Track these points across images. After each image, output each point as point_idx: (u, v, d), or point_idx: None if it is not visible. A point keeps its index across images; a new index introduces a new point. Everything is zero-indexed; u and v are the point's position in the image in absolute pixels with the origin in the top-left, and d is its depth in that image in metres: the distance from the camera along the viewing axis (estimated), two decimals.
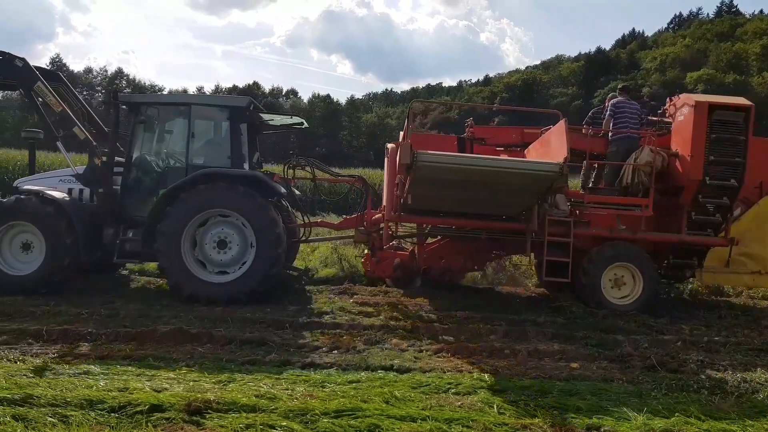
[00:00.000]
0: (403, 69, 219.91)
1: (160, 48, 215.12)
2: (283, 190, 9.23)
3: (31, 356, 5.87)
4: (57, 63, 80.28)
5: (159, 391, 4.87)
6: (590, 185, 10.17)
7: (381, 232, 9.62)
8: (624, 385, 5.77)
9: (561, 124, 8.22)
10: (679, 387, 5.71)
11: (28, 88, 8.92)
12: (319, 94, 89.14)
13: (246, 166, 9.39)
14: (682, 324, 8.44)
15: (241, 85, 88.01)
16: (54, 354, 5.99)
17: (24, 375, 5.23)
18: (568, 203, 9.12)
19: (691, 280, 10.31)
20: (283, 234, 8.58)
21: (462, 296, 9.68)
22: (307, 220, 10.11)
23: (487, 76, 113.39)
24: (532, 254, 9.45)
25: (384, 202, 9.57)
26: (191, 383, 5.20)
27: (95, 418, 4.33)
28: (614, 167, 9.72)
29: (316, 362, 6.08)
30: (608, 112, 10.03)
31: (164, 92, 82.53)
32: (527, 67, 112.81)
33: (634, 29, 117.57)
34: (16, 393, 4.66)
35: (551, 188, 8.08)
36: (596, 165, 10.09)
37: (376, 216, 9.83)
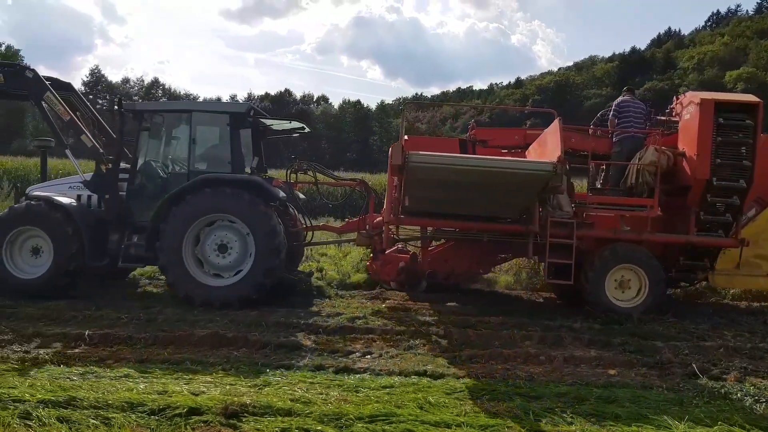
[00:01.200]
0: (434, 73, 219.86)
1: (195, 57, 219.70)
2: (282, 194, 9.31)
3: (74, 359, 6.02)
4: (96, 74, 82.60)
5: (197, 395, 4.95)
6: (598, 186, 10.02)
7: (383, 235, 9.59)
8: (664, 393, 5.65)
9: (555, 124, 8.11)
10: (722, 395, 5.57)
11: (38, 98, 9.19)
12: (349, 100, 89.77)
13: (249, 170, 9.57)
14: (724, 330, 8.22)
15: (273, 92, 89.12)
16: (95, 357, 6.14)
17: (67, 378, 5.37)
18: (573, 204, 8.98)
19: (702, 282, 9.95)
20: (283, 242, 8.65)
21: (495, 301, 9.61)
22: (308, 224, 10.24)
23: (518, 78, 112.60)
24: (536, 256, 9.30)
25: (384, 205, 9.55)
26: (228, 387, 5.27)
27: (136, 420, 4.43)
28: (619, 167, 9.58)
29: (349, 367, 6.09)
30: (612, 112, 9.94)
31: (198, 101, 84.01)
32: (560, 69, 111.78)
33: (670, 28, 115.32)
34: (60, 395, 4.79)
35: (547, 188, 7.92)
36: (603, 166, 9.95)
37: (378, 219, 9.82)
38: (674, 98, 9.68)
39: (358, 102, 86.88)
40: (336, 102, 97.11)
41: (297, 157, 10.88)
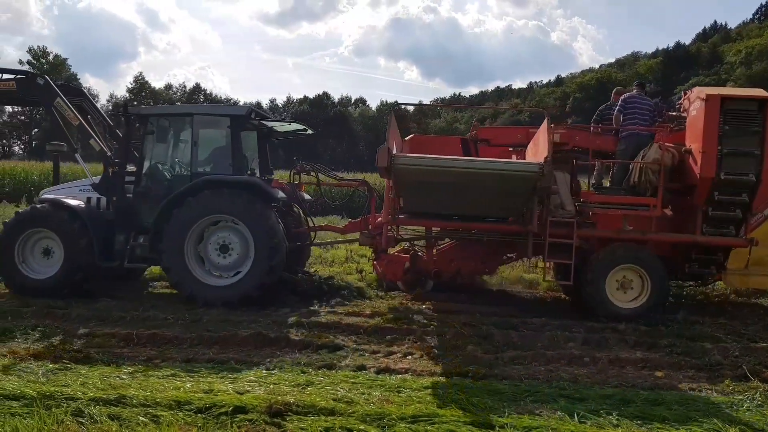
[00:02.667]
0: (472, 73, 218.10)
1: (234, 63, 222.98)
2: (281, 195, 9.39)
3: (123, 359, 6.20)
4: (140, 81, 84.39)
5: (241, 394, 5.04)
6: (606, 185, 9.79)
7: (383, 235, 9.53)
8: (713, 396, 5.52)
9: (543, 124, 7.96)
10: None
11: (49, 104, 9.50)
12: (387, 102, 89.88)
13: (257, 172, 9.86)
14: None
15: (311, 95, 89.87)
16: (143, 357, 6.31)
17: (117, 376, 5.53)
18: (576, 204, 8.78)
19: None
20: (282, 241, 8.74)
21: (536, 303, 9.50)
22: (312, 224, 10.36)
23: (558, 76, 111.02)
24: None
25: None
26: (271, 386, 5.35)
27: (183, 418, 4.53)
28: (623, 166, 9.35)
29: (390, 367, 6.11)
30: (618, 108, 9.70)
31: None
32: (601, 66, 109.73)
33: (716, 21, 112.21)
34: (111, 394, 4.93)
35: (537, 189, 7.74)
36: (612, 164, 9.75)
37: (379, 219, 9.75)
38: (682, 93, 9.42)
39: (396, 103, 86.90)
40: (374, 104, 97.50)
41: (299, 158, 11.05)
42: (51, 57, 79.80)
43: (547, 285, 10.48)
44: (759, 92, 8.44)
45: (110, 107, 66.53)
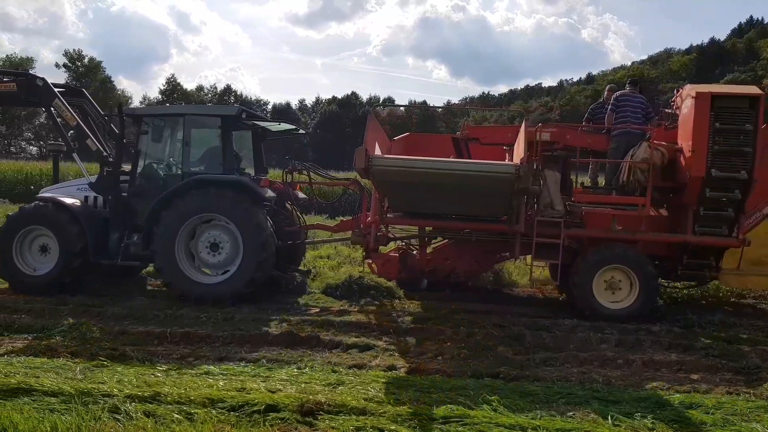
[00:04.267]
0: (501, 71, 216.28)
1: (264, 64, 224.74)
2: (270, 193, 9.45)
3: (158, 357, 6.30)
4: (172, 83, 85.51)
5: (273, 392, 5.07)
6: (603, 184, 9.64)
7: (385, 234, 9.56)
8: (752, 400, 5.38)
9: (522, 126, 7.86)
10: None
11: (48, 105, 9.77)
12: (415, 101, 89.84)
13: (252, 171, 10.03)
14: None
15: (339, 96, 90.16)
16: (177, 355, 6.41)
17: (152, 374, 5.62)
18: (567, 204, 8.66)
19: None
20: (270, 238, 8.84)
21: (567, 304, 9.37)
22: (304, 223, 10.46)
23: (589, 74, 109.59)
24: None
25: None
26: (303, 385, 5.38)
27: (216, 416, 4.58)
28: (614, 164, 9.20)
29: (421, 368, 6.11)
30: (610, 106, 9.53)
31: (268, 106, 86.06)
32: (633, 63, 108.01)
33: (752, 17, 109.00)
34: (146, 391, 5.01)
35: (517, 190, 7.62)
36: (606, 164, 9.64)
37: (370, 218, 9.76)
38: (675, 91, 9.22)
39: (424, 103, 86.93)
40: (402, 103, 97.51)
41: (292, 157, 11.17)
42: (86, 60, 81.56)
43: (530, 283, 10.38)
44: (750, 89, 8.25)
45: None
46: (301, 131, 11.46)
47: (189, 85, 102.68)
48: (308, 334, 7.11)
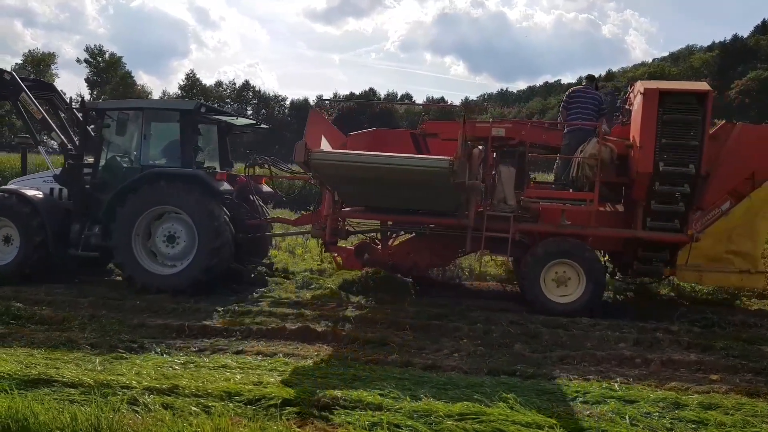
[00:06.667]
0: (520, 67, 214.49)
1: (282, 59, 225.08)
2: (225, 187, 9.50)
3: (175, 350, 6.37)
4: (191, 78, 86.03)
5: (290, 386, 5.10)
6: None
7: (344, 227, 9.58)
8: None
9: (459, 123, 7.86)
10: None
11: (15, 98, 9.95)
12: (432, 98, 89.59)
13: (217, 165, 10.31)
14: None
15: (357, 92, 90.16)
16: (195, 348, 6.47)
17: (170, 367, 5.68)
18: (521, 199, 8.66)
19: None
20: (225, 227, 8.96)
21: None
22: (268, 216, 10.57)
23: (610, 70, 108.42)
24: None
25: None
26: (318, 380, 5.40)
27: (233, 410, 4.61)
28: (566, 160, 9.21)
29: (437, 364, 6.10)
30: (562, 103, 9.61)
31: (286, 102, 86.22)
32: (654, 60, 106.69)
33: None
34: (164, 383, 5.06)
35: (456, 184, 7.59)
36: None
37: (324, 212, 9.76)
38: (629, 86, 9.21)
39: (442, 99, 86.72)
40: (419, 99, 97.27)
41: (253, 151, 11.47)
42: (107, 55, 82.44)
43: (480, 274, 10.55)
44: (699, 85, 8.30)
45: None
46: (263, 126, 11.82)
47: (208, 80, 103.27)
48: (324, 329, 7.14)
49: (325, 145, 8.41)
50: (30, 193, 9.57)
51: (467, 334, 7.22)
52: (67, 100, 11.27)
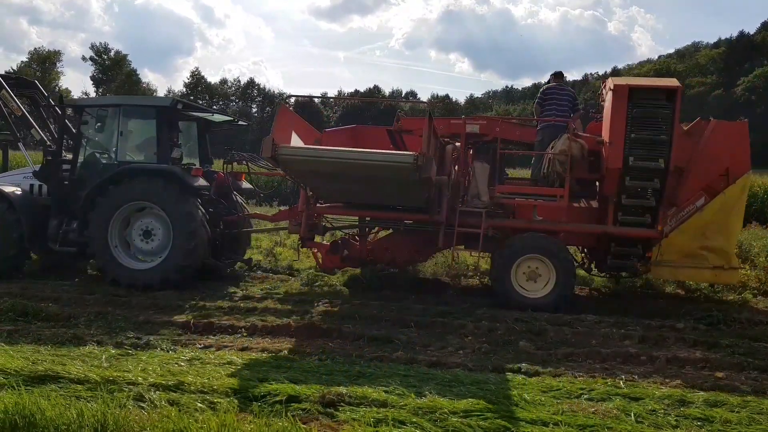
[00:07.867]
0: (525, 64, 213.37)
1: (286, 57, 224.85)
2: (200, 183, 9.51)
3: (181, 346, 6.39)
4: (196, 76, 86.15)
5: (295, 383, 5.11)
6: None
7: (320, 223, 9.63)
8: None
9: (426, 120, 7.81)
10: None
11: None
12: (437, 95, 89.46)
13: (197, 162, 10.40)
14: None
15: (362, 89, 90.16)
16: (200, 345, 6.49)
17: (176, 363, 5.69)
18: (494, 195, 8.73)
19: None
20: (201, 227, 9.04)
21: (589, 299, 9.31)
22: (245, 213, 10.66)
23: (615, 67, 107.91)
24: None
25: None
26: (324, 377, 5.41)
27: (239, 406, 4.63)
28: (539, 157, 9.26)
29: (442, 362, 6.11)
30: (537, 100, 9.68)
31: (291, 99, 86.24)
32: (660, 57, 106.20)
33: None
34: (170, 379, 5.08)
35: (422, 179, 7.57)
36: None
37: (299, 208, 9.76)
38: (602, 83, 9.24)
39: (447, 96, 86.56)
40: (424, 97, 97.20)
41: (231, 148, 11.54)
42: (112, 53, 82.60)
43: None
44: (668, 82, 8.34)
45: None
46: (241, 123, 11.90)
47: (213, 78, 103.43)
48: (329, 327, 7.15)
49: (296, 141, 8.39)
50: (7, 189, 9.63)
51: (472, 331, 7.22)
52: (48, 97, 11.35)
